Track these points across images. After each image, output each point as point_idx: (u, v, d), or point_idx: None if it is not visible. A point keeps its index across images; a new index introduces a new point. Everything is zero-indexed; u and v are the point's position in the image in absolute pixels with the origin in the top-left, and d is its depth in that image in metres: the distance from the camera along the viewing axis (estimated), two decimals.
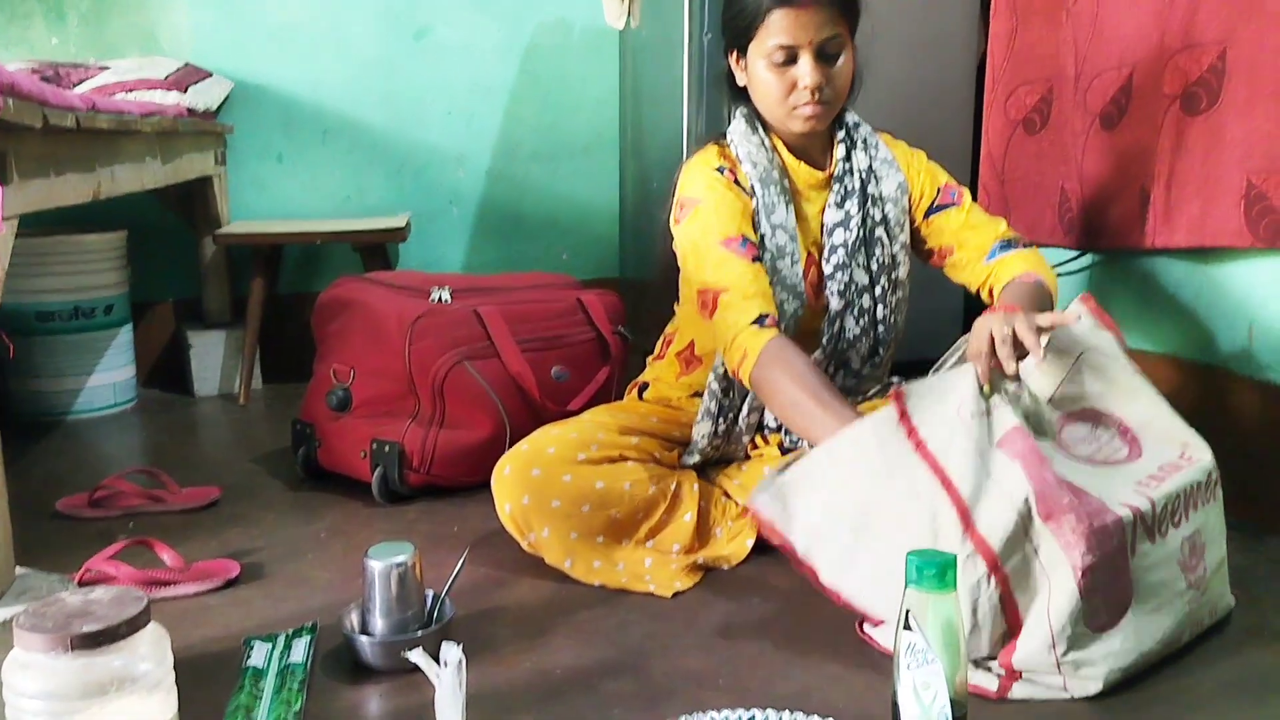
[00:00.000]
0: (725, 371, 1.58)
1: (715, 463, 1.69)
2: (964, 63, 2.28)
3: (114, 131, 1.66)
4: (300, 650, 1.27)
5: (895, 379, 1.69)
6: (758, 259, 1.53)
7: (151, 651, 0.98)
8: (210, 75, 2.60)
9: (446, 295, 1.98)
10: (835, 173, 1.61)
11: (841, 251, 1.59)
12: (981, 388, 1.25)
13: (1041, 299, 1.50)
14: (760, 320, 1.46)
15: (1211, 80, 1.62)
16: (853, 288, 1.60)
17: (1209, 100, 1.63)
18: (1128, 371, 1.35)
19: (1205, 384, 1.77)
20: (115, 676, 0.93)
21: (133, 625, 0.95)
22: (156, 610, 0.99)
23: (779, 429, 1.65)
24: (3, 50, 2.59)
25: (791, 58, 1.50)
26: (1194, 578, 1.24)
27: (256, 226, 2.62)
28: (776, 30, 1.48)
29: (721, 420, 1.61)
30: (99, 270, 2.51)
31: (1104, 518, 1.15)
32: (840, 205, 1.60)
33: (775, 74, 1.51)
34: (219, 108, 2.66)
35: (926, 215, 1.67)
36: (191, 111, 2.37)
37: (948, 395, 1.26)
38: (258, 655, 1.26)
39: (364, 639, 1.25)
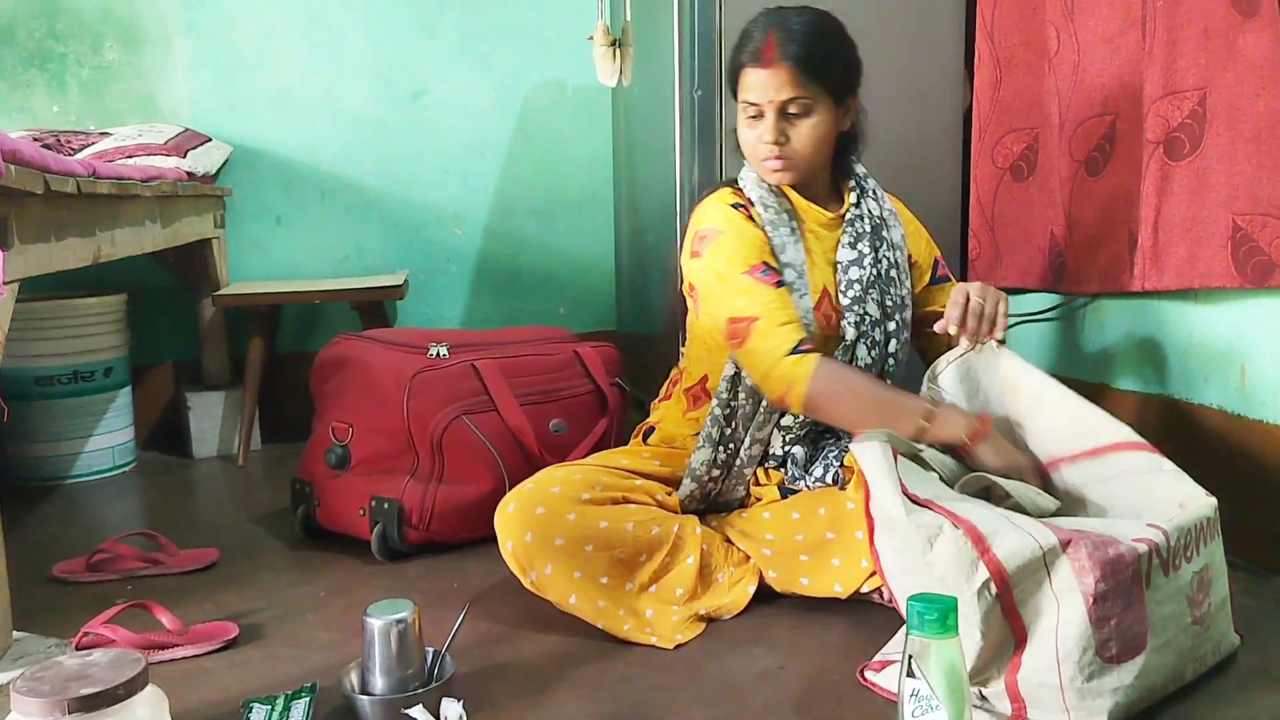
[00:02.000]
0: (728, 399, 1.62)
1: (715, 509, 1.69)
2: (951, 113, 2.32)
3: (114, 196, 1.68)
4: (299, 712, 1.26)
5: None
6: (781, 284, 1.58)
7: (150, 714, 0.97)
8: (209, 140, 2.64)
9: (444, 351, 1.99)
10: (848, 215, 1.69)
11: (858, 286, 1.65)
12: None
13: None
14: (798, 348, 1.52)
15: (1193, 125, 1.65)
16: (868, 320, 1.66)
17: (1191, 145, 1.66)
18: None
19: (1199, 425, 1.78)
20: None
21: (130, 688, 0.95)
22: (155, 673, 0.98)
23: (782, 463, 1.66)
24: (4, 118, 2.63)
25: (759, 114, 1.60)
26: (1199, 613, 1.23)
27: (255, 287, 2.64)
28: (747, 87, 1.60)
29: (723, 448, 1.63)
30: (98, 334, 2.52)
31: (1118, 547, 1.16)
32: (854, 245, 1.67)
33: (747, 127, 1.63)
34: (218, 171, 2.69)
35: (930, 285, 1.81)
36: (191, 175, 2.40)
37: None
38: (257, 717, 1.25)
39: (364, 699, 1.25)
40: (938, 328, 1.56)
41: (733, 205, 1.64)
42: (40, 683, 0.93)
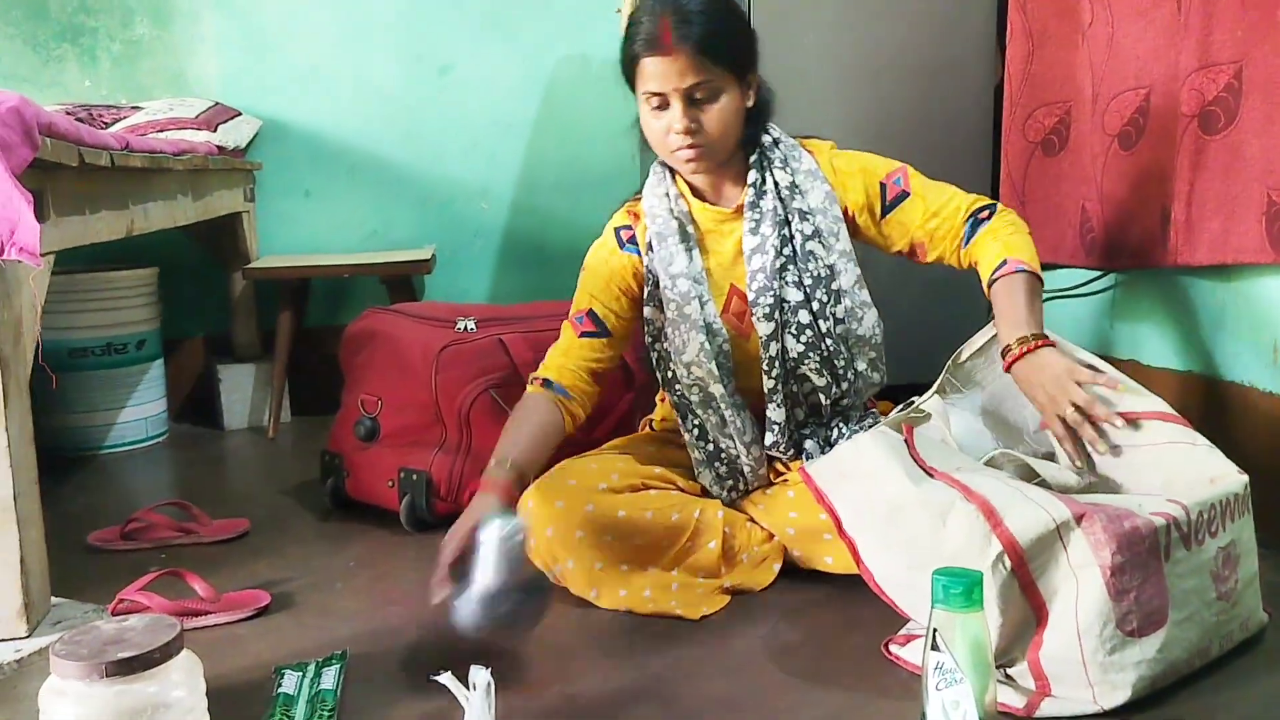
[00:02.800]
0: (691, 423, 1.63)
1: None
2: (982, 87, 2.29)
3: (147, 169, 1.70)
4: (330, 677, 1.28)
5: (873, 414, 1.68)
6: (590, 334, 1.62)
7: (185, 678, 0.99)
8: (239, 114, 2.66)
9: (471, 325, 2.00)
10: (748, 201, 1.59)
11: (761, 276, 1.56)
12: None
13: (1037, 293, 1.47)
14: (544, 381, 1.59)
15: (1228, 99, 1.63)
16: (784, 307, 1.57)
17: (1227, 119, 1.63)
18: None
19: (1231, 402, 1.76)
20: (149, 703, 0.95)
21: (166, 652, 0.96)
22: (188, 640, 1.00)
23: (798, 456, 1.64)
24: (37, 92, 2.66)
25: (664, 103, 1.51)
26: (1225, 589, 1.23)
27: (285, 261, 2.66)
28: (647, 77, 1.50)
29: (720, 464, 1.62)
30: (131, 307, 2.55)
31: (1133, 520, 1.15)
32: (754, 232, 1.58)
33: (653, 118, 1.53)
34: (247, 146, 2.71)
35: (883, 215, 1.61)
36: (221, 149, 2.42)
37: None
38: (289, 683, 1.27)
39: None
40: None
41: (616, 229, 1.68)
42: (78, 646, 0.95)
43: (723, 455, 1.62)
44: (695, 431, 1.63)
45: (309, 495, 2.09)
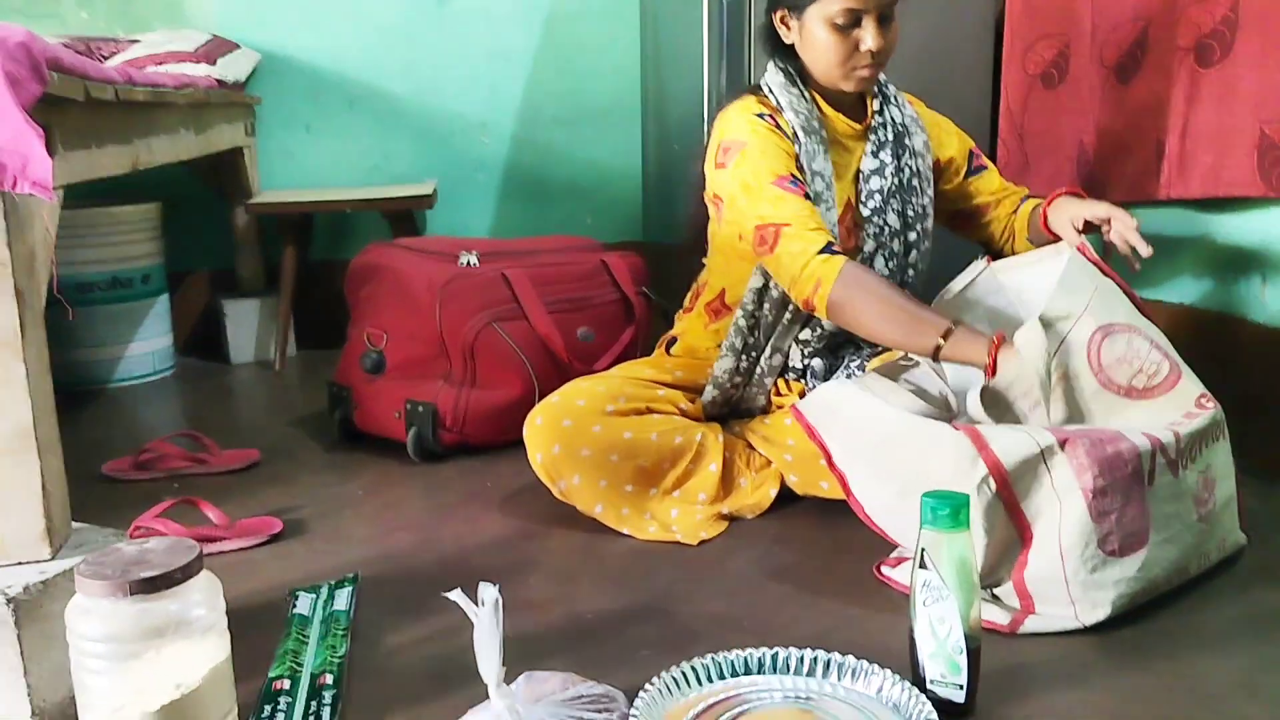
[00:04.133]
0: (753, 309, 1.64)
1: (738, 415, 1.73)
2: (982, 19, 2.28)
3: (150, 104, 1.71)
4: (343, 599, 1.33)
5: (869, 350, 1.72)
6: (808, 196, 1.58)
7: (205, 597, 1.03)
8: (238, 47, 2.65)
9: (474, 259, 2.02)
10: (872, 124, 1.67)
11: (878, 197, 1.66)
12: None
13: None
14: (828, 249, 1.51)
15: (1224, 32, 1.63)
16: (886, 231, 1.66)
17: (1222, 52, 1.64)
18: (1137, 314, 1.38)
19: (1221, 333, 1.79)
20: (171, 620, 0.99)
21: (187, 572, 1.00)
22: (205, 563, 1.04)
23: (802, 375, 1.69)
24: (33, 25, 2.60)
25: (855, 21, 1.55)
26: (1204, 511, 1.28)
27: (287, 196, 2.67)
28: None
29: (745, 357, 1.66)
30: (135, 241, 2.57)
31: (1117, 444, 1.19)
32: (876, 155, 1.67)
33: (837, 36, 1.56)
34: (247, 79, 2.70)
35: (966, 177, 1.77)
36: (221, 83, 2.41)
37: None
38: (303, 604, 1.32)
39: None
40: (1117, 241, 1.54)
41: (758, 115, 1.62)
42: (102, 567, 0.99)
43: (754, 350, 1.66)
44: (750, 322, 1.65)
45: (317, 426, 2.13)
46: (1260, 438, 1.65)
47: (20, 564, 1.10)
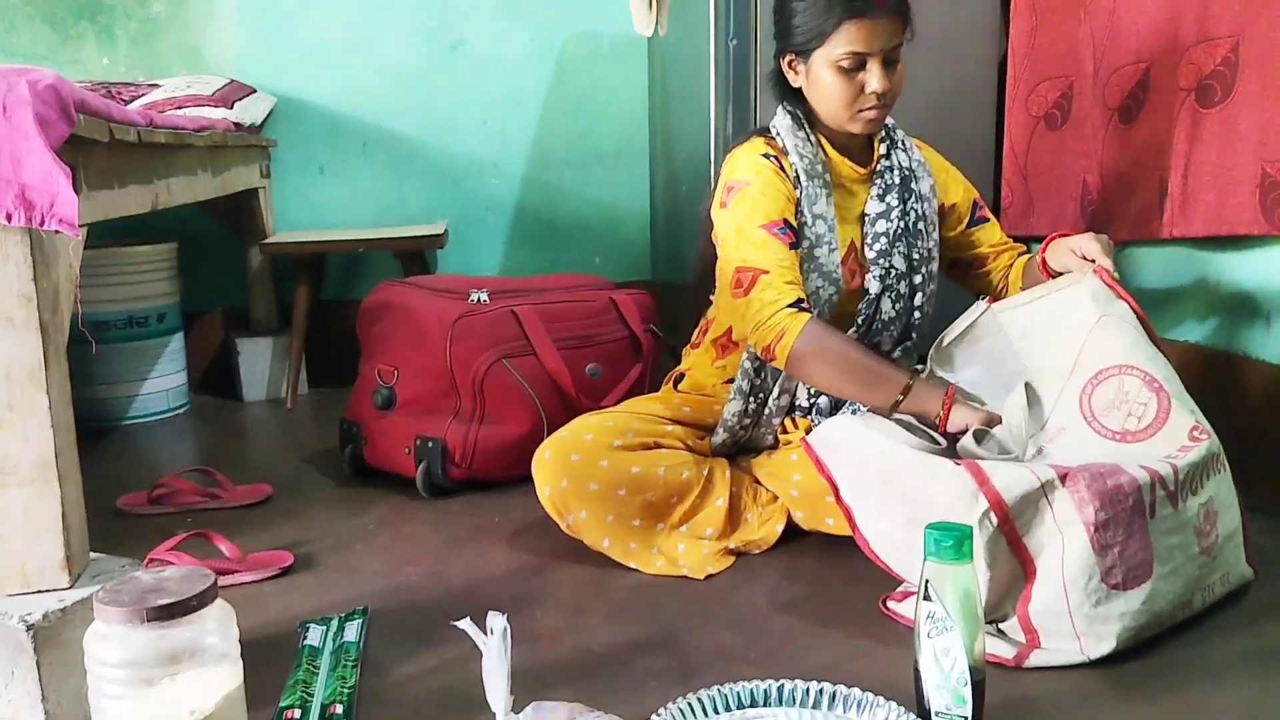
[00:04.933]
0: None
1: (745, 451, 1.74)
2: (986, 61, 2.32)
3: (170, 145, 1.75)
4: (353, 631, 1.34)
5: (919, 365, 1.75)
6: (794, 246, 1.61)
7: (219, 625, 1.05)
8: (255, 91, 2.70)
9: (485, 297, 2.05)
10: (877, 169, 1.70)
11: (884, 239, 1.68)
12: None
13: None
14: (797, 304, 1.54)
15: (1225, 73, 1.66)
16: (893, 273, 1.69)
17: (1223, 92, 1.67)
18: (1144, 338, 1.40)
19: (1227, 371, 1.81)
20: (186, 647, 1.00)
21: (202, 599, 1.02)
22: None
23: (809, 412, 1.71)
24: (56, 70, 2.70)
25: (860, 64, 1.58)
26: (1206, 543, 1.28)
27: (301, 236, 2.71)
28: (849, 39, 1.56)
29: (752, 399, 1.68)
30: (152, 281, 2.61)
31: (1117, 477, 1.21)
32: (882, 198, 1.69)
33: (843, 79, 1.59)
34: (263, 122, 2.76)
35: (968, 227, 1.81)
36: (238, 126, 2.46)
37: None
38: (314, 636, 1.33)
39: None
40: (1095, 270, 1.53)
41: (764, 155, 1.65)
42: (120, 594, 1.01)
43: (761, 391, 1.68)
44: (756, 364, 1.66)
45: (328, 463, 2.15)
46: (1268, 474, 1.66)
47: (40, 592, 1.12)
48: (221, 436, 2.51)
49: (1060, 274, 1.59)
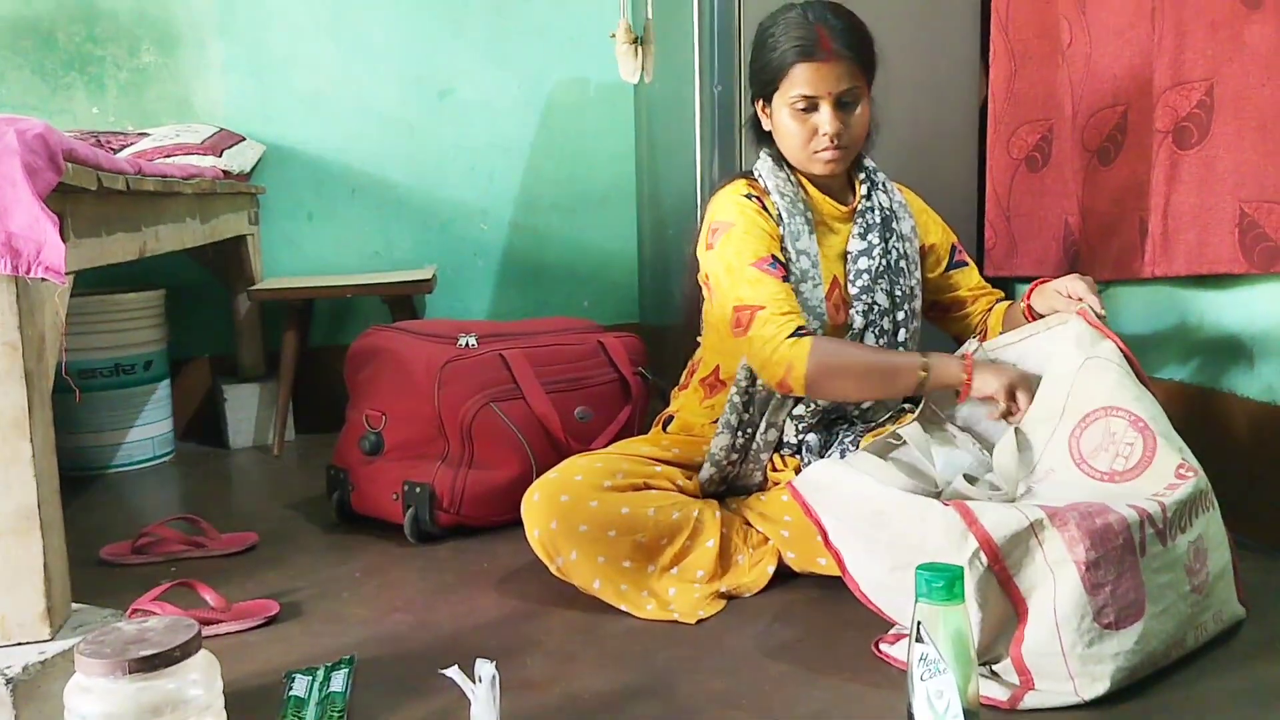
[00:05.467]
0: (746, 385, 1.67)
1: (735, 492, 1.74)
2: (967, 105, 2.36)
3: (158, 193, 1.75)
4: (339, 681, 1.33)
5: (906, 404, 1.75)
6: (787, 279, 1.63)
7: (203, 676, 1.03)
8: (244, 139, 2.72)
9: (473, 341, 2.05)
10: (859, 208, 1.73)
11: (866, 276, 1.70)
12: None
13: None
14: (797, 333, 1.56)
15: (1201, 115, 1.69)
16: (876, 309, 1.70)
17: (1199, 134, 1.69)
18: (1130, 378, 1.41)
19: (1212, 408, 1.81)
20: (169, 699, 0.99)
21: (185, 650, 1.01)
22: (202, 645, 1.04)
23: (797, 450, 1.71)
24: (46, 120, 2.71)
25: (812, 106, 1.62)
26: (1197, 581, 1.28)
27: (288, 282, 2.71)
28: (800, 82, 1.61)
29: (740, 434, 1.68)
30: (139, 328, 2.60)
31: (1106, 516, 1.21)
32: (863, 236, 1.71)
33: (798, 121, 1.64)
34: (252, 170, 2.77)
35: (947, 270, 1.83)
36: (227, 174, 2.47)
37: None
38: (299, 686, 1.32)
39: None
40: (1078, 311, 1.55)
41: (746, 196, 1.68)
42: (102, 646, 0.99)
43: (749, 427, 1.68)
44: (744, 399, 1.68)
45: (315, 509, 2.13)
46: (1257, 512, 1.67)
47: (20, 644, 1.10)
48: (207, 484, 2.49)
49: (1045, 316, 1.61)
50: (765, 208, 1.68)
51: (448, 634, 1.51)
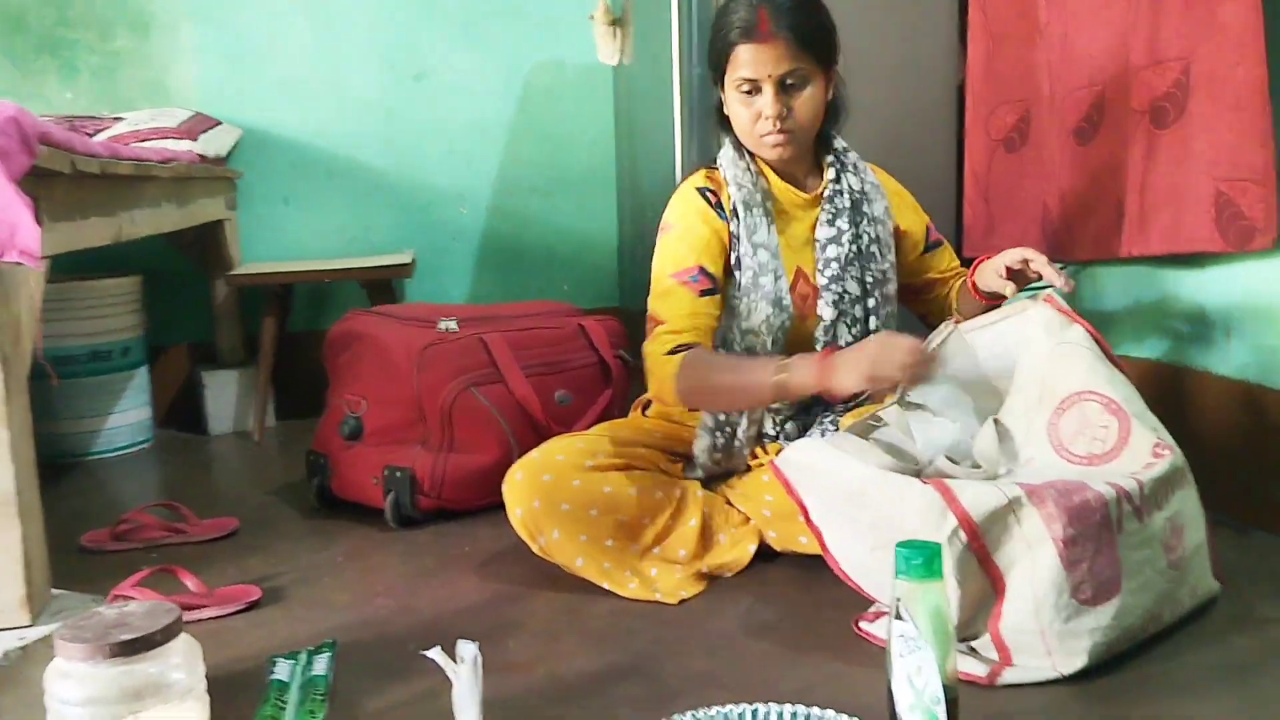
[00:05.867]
0: None
1: (718, 476, 1.74)
2: (945, 85, 2.36)
3: (134, 177, 1.74)
4: (322, 664, 1.33)
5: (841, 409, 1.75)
6: (709, 291, 1.63)
7: (184, 660, 1.03)
8: (219, 124, 2.69)
9: (453, 325, 2.05)
10: (825, 193, 1.70)
11: (835, 265, 1.68)
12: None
13: None
14: (675, 350, 1.58)
15: (1177, 94, 1.70)
16: (846, 298, 1.69)
17: (1176, 113, 1.70)
18: (1101, 361, 1.42)
19: (1187, 387, 1.83)
20: (151, 683, 0.99)
21: (167, 634, 1.01)
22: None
23: (777, 438, 1.71)
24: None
25: (756, 89, 1.61)
26: (1174, 557, 1.30)
27: (267, 267, 2.70)
28: (741, 64, 1.60)
29: (719, 434, 1.68)
30: (116, 314, 2.58)
31: (1084, 494, 1.22)
32: (831, 223, 1.69)
33: (743, 104, 1.63)
34: (228, 154, 2.75)
35: (923, 253, 1.81)
36: (203, 158, 2.45)
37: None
38: (281, 670, 1.31)
39: None
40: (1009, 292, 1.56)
41: (700, 189, 1.68)
42: (82, 630, 0.99)
43: (727, 425, 1.68)
44: None
45: (295, 495, 2.13)
46: (1230, 488, 1.68)
47: (0, 630, 1.10)
48: (187, 471, 2.48)
49: (991, 294, 1.63)
50: (720, 203, 1.67)
51: (430, 617, 1.51)
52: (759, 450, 1.73)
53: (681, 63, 2.27)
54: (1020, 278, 1.59)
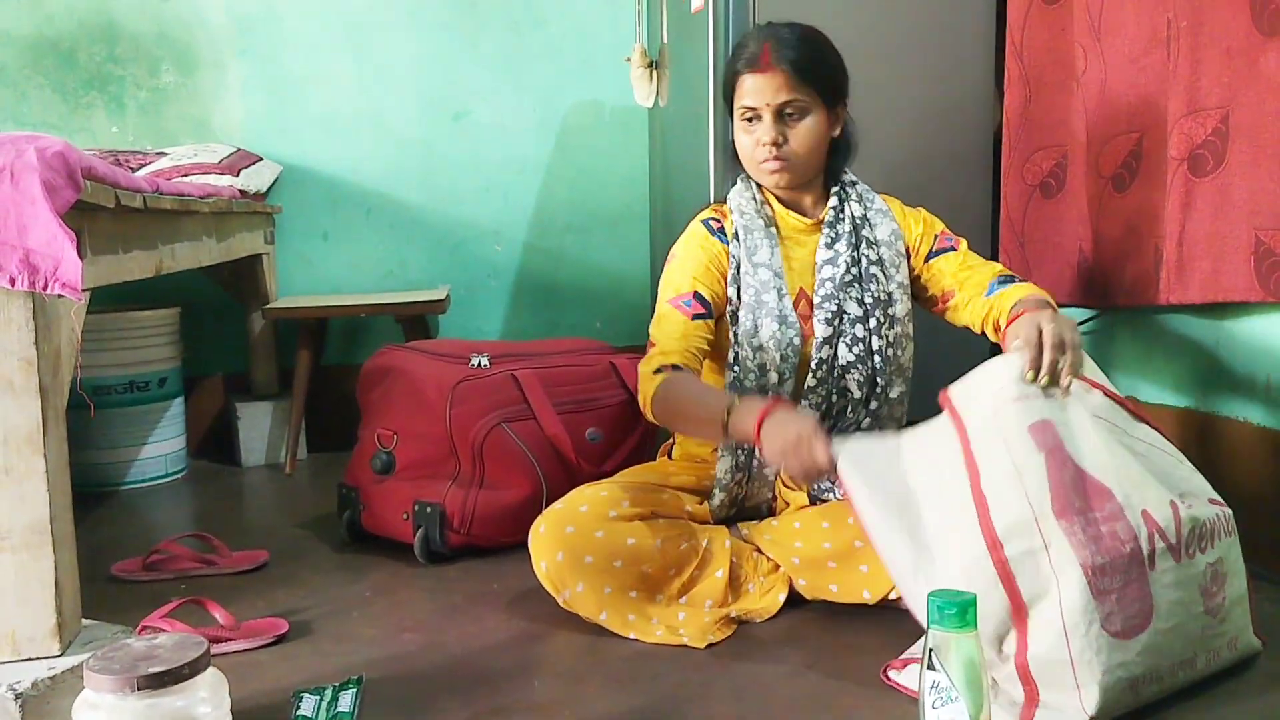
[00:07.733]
0: None
1: (745, 516, 1.73)
2: (982, 131, 2.36)
3: (176, 211, 1.77)
4: (347, 701, 1.32)
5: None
6: (702, 316, 1.65)
7: (210, 694, 1.03)
8: (260, 159, 2.74)
9: (485, 361, 2.06)
10: (827, 219, 1.73)
11: (830, 285, 1.69)
12: (1024, 373, 1.33)
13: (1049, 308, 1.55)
14: (660, 369, 1.60)
15: (1216, 142, 1.68)
16: (844, 318, 1.69)
17: (1215, 162, 1.69)
18: (1130, 422, 1.39)
19: (1227, 437, 1.80)
20: (177, 716, 0.99)
21: (194, 668, 1.01)
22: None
23: None
24: (66, 139, 2.74)
25: (756, 116, 1.66)
26: (1212, 604, 1.27)
27: (303, 301, 2.73)
28: (745, 93, 1.66)
29: (740, 452, 1.67)
30: (154, 345, 2.61)
31: (1113, 524, 1.20)
32: (830, 246, 1.71)
33: (745, 131, 1.69)
34: (269, 189, 2.79)
35: (927, 259, 1.77)
36: (243, 193, 2.49)
37: (987, 382, 1.34)
38: (307, 706, 1.31)
39: None
40: (1011, 348, 1.40)
41: (705, 220, 1.74)
42: (111, 662, 1.00)
43: (745, 447, 1.67)
44: None
45: (326, 528, 2.13)
46: (1271, 542, 1.65)
47: (30, 659, 1.10)
48: (219, 502, 2.49)
49: None
50: (723, 229, 1.72)
51: (456, 655, 1.50)
52: (786, 487, 1.71)
53: (716, 105, 2.28)
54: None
